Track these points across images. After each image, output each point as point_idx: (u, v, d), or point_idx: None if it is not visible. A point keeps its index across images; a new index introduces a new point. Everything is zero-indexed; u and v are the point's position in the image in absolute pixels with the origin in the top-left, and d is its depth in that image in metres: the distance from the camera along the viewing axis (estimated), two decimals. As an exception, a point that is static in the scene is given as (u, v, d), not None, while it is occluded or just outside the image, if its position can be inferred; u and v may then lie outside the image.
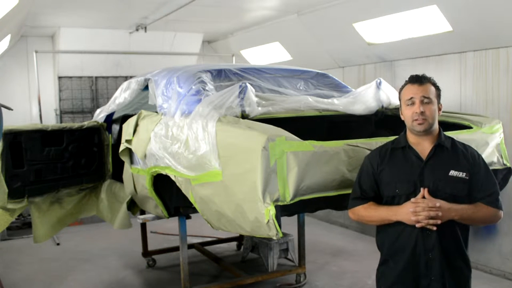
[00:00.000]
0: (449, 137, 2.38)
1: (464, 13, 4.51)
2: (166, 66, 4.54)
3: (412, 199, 2.20)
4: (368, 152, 2.61)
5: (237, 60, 8.30)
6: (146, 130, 3.68)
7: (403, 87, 2.37)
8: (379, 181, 2.36)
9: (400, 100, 2.39)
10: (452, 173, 2.25)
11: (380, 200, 2.37)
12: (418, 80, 2.30)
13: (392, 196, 2.31)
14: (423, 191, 2.19)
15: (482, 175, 2.28)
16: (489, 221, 2.31)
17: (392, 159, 2.36)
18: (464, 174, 2.25)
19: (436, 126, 2.32)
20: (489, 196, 2.26)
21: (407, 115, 2.30)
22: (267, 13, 6.37)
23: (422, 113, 2.23)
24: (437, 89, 2.33)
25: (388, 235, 2.33)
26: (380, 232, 2.42)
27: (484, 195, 2.26)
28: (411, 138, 2.34)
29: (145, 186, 3.80)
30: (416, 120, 2.25)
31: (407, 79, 2.37)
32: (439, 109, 2.33)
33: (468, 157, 2.30)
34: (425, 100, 2.25)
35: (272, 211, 2.43)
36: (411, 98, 2.28)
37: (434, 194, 2.22)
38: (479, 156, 2.34)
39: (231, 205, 2.75)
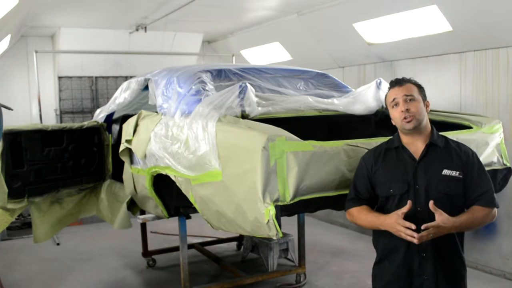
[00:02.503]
0: (442, 136, 2.39)
1: (464, 13, 4.51)
2: (166, 66, 4.54)
3: (400, 221, 2.13)
4: None
5: (237, 60, 8.31)
6: (146, 130, 3.68)
7: (386, 93, 2.41)
8: (373, 182, 2.37)
9: (387, 106, 2.42)
10: (445, 172, 2.25)
11: (376, 201, 2.38)
12: (397, 82, 2.35)
13: (386, 196, 2.32)
14: (409, 205, 2.14)
15: (476, 173, 2.27)
16: (486, 223, 2.30)
17: (386, 159, 2.37)
18: (458, 172, 2.25)
19: (426, 124, 2.33)
20: (484, 194, 2.24)
21: (395, 117, 2.32)
22: (267, 13, 6.37)
23: (407, 110, 2.25)
24: (420, 87, 2.36)
25: (382, 235, 2.33)
26: (375, 232, 2.42)
27: (479, 194, 2.25)
28: (404, 139, 2.35)
29: (145, 186, 3.80)
30: (404, 119, 2.26)
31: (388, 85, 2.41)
32: (427, 107, 2.34)
33: (461, 155, 2.29)
34: (408, 98, 2.28)
35: (272, 211, 2.43)
36: (394, 99, 2.32)
37: (427, 193, 2.23)
38: (473, 154, 2.33)
39: (231, 205, 2.75)
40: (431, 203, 2.12)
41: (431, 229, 2.08)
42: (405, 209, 2.15)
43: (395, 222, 2.15)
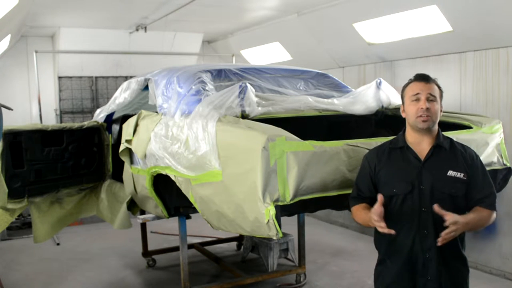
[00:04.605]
0: (448, 138, 2.38)
1: (464, 13, 4.51)
2: (166, 66, 4.54)
3: (374, 210, 2.15)
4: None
5: (237, 60, 8.31)
6: (146, 130, 3.68)
7: (407, 84, 2.36)
8: (376, 181, 2.37)
9: (403, 97, 2.37)
10: (451, 173, 2.25)
11: (374, 200, 2.37)
12: (424, 78, 2.31)
13: (390, 196, 2.30)
14: (380, 199, 2.15)
15: (480, 176, 2.28)
16: (488, 224, 2.29)
17: (390, 159, 2.37)
18: (462, 174, 2.25)
19: (436, 126, 2.32)
20: (487, 197, 2.25)
21: (411, 111, 2.28)
22: (267, 13, 6.37)
23: (427, 109, 2.23)
24: (440, 90, 2.34)
25: (385, 235, 2.33)
26: (377, 232, 2.41)
27: (482, 196, 2.25)
28: (410, 138, 2.34)
29: (145, 186, 3.80)
30: (420, 116, 2.24)
31: (411, 77, 2.37)
32: (440, 110, 2.33)
33: (466, 157, 2.30)
34: (431, 98, 2.26)
35: (272, 211, 2.43)
36: (417, 94, 2.27)
37: (432, 194, 2.23)
38: (477, 157, 2.35)
39: (231, 205, 2.75)
40: (436, 206, 2.11)
41: (452, 227, 2.06)
42: (378, 204, 2.15)
43: (370, 215, 2.16)
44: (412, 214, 2.20)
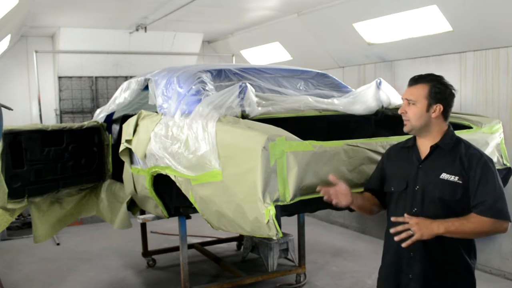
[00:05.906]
0: (456, 138, 2.28)
1: (464, 13, 4.51)
2: (166, 66, 4.54)
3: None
4: (369, 152, 2.70)
5: (237, 60, 8.31)
6: (146, 130, 3.68)
7: None
8: (384, 176, 2.44)
9: None
10: (444, 176, 2.17)
11: (384, 194, 2.43)
12: (411, 81, 2.31)
13: (389, 193, 2.38)
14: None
15: (477, 180, 2.12)
16: (486, 233, 2.13)
17: (398, 157, 2.41)
18: (457, 178, 2.14)
19: (429, 128, 2.25)
20: (482, 203, 2.08)
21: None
22: (267, 13, 6.37)
23: (404, 113, 2.27)
24: (434, 88, 2.22)
25: (385, 233, 2.39)
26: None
27: (476, 202, 2.10)
28: (417, 138, 2.36)
29: (145, 186, 3.80)
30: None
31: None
32: (434, 111, 2.22)
33: (463, 160, 2.17)
34: (410, 102, 2.26)
35: (272, 211, 2.44)
36: (403, 98, 2.33)
37: (423, 196, 2.22)
38: (480, 159, 2.16)
39: (231, 205, 2.75)
40: (393, 218, 2.15)
41: (415, 228, 2.03)
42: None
43: None
44: (403, 213, 2.18)
